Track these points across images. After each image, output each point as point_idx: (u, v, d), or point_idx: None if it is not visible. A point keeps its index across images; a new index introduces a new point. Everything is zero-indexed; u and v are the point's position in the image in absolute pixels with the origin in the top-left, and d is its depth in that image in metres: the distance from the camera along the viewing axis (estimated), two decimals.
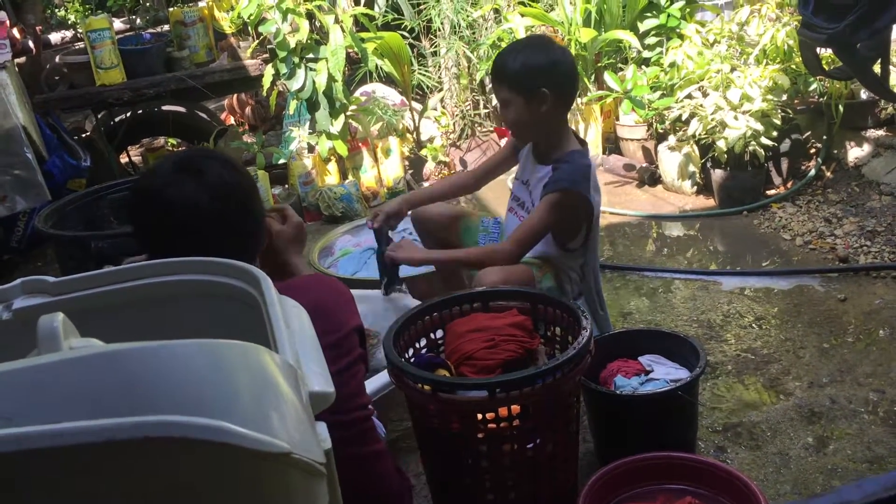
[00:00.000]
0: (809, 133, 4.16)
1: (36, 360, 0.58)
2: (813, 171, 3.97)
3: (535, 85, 2.27)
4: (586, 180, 2.32)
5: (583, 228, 2.39)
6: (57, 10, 7.66)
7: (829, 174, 3.98)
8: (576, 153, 2.36)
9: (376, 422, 1.80)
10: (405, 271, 2.53)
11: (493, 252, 2.33)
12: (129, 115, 4.93)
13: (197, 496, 0.63)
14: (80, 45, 4.91)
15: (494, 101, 4.97)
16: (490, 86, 4.95)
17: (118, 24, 5.54)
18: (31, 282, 1.02)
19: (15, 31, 4.52)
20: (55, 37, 5.69)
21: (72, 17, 7.44)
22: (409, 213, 2.68)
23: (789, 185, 3.98)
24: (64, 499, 0.57)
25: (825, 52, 3.52)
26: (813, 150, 4.15)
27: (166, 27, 5.18)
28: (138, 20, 5.90)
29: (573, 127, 4.59)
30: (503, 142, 3.91)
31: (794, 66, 3.89)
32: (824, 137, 4.04)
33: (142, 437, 0.54)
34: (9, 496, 0.55)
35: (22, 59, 4.72)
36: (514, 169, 2.65)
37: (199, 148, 1.73)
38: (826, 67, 3.47)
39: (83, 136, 4.80)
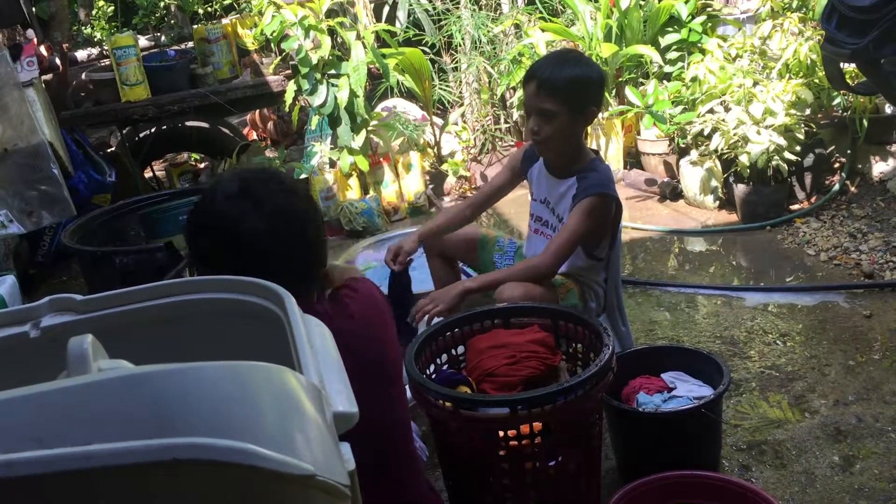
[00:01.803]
0: (833, 147, 4.12)
1: (65, 382, 0.59)
2: (837, 186, 3.94)
3: (587, 101, 2.29)
4: (613, 183, 2.37)
5: (608, 234, 2.39)
6: (83, 28, 7.78)
7: (853, 189, 3.94)
8: (597, 160, 2.39)
9: (418, 442, 1.80)
10: (418, 286, 2.53)
11: (533, 268, 2.28)
12: (153, 130, 4.99)
13: None
14: (106, 62, 4.99)
15: (515, 116, 4.98)
16: (512, 100, 4.96)
17: (143, 41, 5.63)
18: (59, 300, 1.03)
19: (42, 49, 4.59)
20: (81, 54, 5.78)
21: (98, 35, 7.56)
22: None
23: (813, 200, 3.95)
24: None
25: (849, 67, 3.50)
26: (837, 165, 4.11)
27: (190, 44, 5.25)
28: (163, 37, 5.99)
29: (594, 141, 4.59)
30: None
31: (817, 81, 3.87)
32: (848, 152, 4.00)
33: (170, 458, 0.54)
34: None
35: (49, 76, 4.79)
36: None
37: (261, 171, 1.69)
38: (850, 82, 3.44)
39: (108, 151, 4.87)
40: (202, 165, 5.76)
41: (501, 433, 1.77)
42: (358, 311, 1.57)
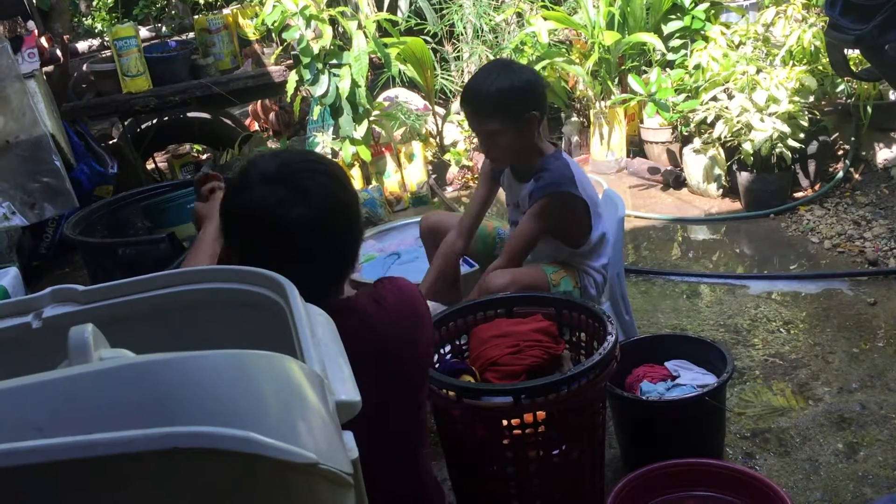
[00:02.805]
0: (837, 135, 4.11)
1: (67, 371, 0.59)
2: (841, 174, 3.93)
3: (523, 109, 2.23)
4: (569, 179, 2.27)
5: (585, 229, 2.35)
6: (84, 19, 7.76)
7: (857, 176, 3.93)
8: (549, 158, 2.32)
9: None
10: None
11: (485, 278, 2.27)
12: (155, 122, 4.98)
13: None
14: (107, 53, 4.97)
15: None
16: None
17: (144, 32, 5.60)
18: (61, 290, 1.03)
19: (43, 41, 4.58)
20: (82, 45, 5.76)
21: (98, 26, 7.53)
22: (420, 226, 2.66)
23: (817, 187, 3.94)
24: None
25: (853, 53, 3.48)
26: (841, 152, 4.10)
27: (191, 35, 5.23)
28: (164, 28, 5.96)
29: (597, 130, 4.58)
30: None
31: (820, 68, 3.85)
32: (852, 139, 3.99)
33: (171, 447, 0.54)
34: None
35: (50, 68, 4.77)
36: None
37: (303, 155, 1.60)
38: (854, 69, 3.42)
39: (110, 143, 4.86)
40: (204, 156, 5.76)
41: (505, 422, 1.77)
42: (393, 305, 1.50)
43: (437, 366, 1.98)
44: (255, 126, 5.98)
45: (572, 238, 2.36)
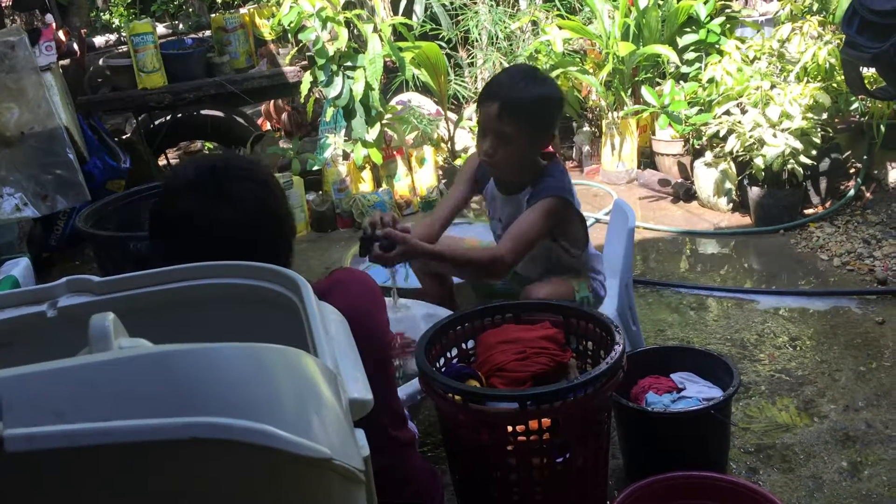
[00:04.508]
0: (849, 153, 4.10)
1: (88, 358, 0.59)
2: (852, 191, 3.92)
3: (550, 123, 2.21)
4: (570, 189, 2.26)
5: (581, 238, 2.34)
6: (101, 14, 7.80)
7: (868, 195, 3.92)
8: (551, 166, 2.29)
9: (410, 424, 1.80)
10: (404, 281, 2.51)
11: (494, 258, 2.17)
12: (168, 118, 5.00)
13: (237, 498, 0.64)
14: (124, 48, 5.00)
15: None
16: None
17: (161, 28, 5.64)
18: (77, 280, 1.04)
19: (60, 34, 4.61)
20: (99, 40, 5.79)
21: (116, 21, 7.58)
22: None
23: (828, 204, 3.93)
24: (110, 496, 0.58)
25: (868, 72, 3.47)
26: (852, 170, 4.09)
27: (208, 33, 5.25)
28: (181, 25, 5.99)
29: (609, 141, 4.58)
30: None
31: (835, 85, 3.84)
32: (864, 157, 3.98)
33: (189, 437, 0.54)
34: (57, 492, 0.56)
35: (66, 62, 4.81)
36: None
37: (217, 157, 1.63)
38: (869, 87, 3.42)
39: (123, 138, 4.88)
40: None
41: (510, 428, 1.77)
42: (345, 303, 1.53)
43: (443, 370, 1.98)
44: (268, 126, 5.99)
45: (573, 242, 2.35)
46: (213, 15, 5.09)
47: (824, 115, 3.79)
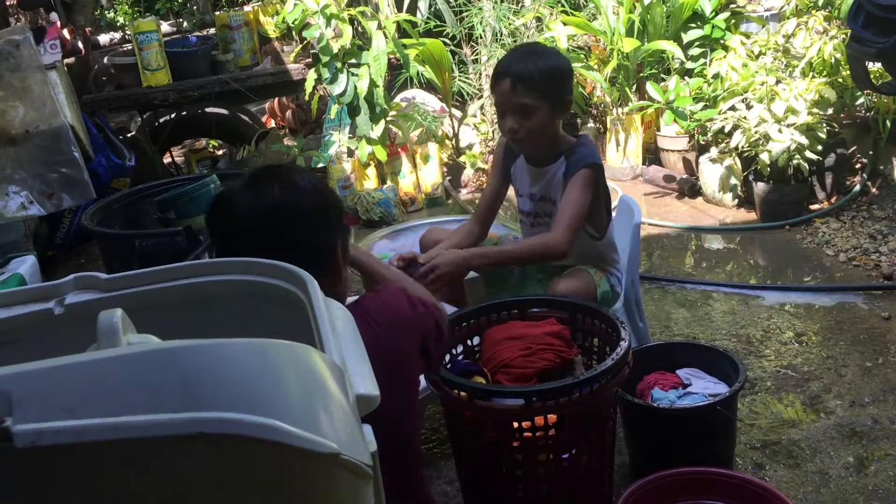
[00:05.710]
0: (855, 148, 4.09)
1: (96, 354, 0.59)
2: (858, 187, 3.91)
3: (564, 91, 2.26)
4: (600, 157, 2.34)
5: (601, 208, 2.34)
6: (106, 12, 7.82)
7: (874, 190, 3.91)
8: (582, 137, 2.37)
9: None
10: None
11: (545, 245, 2.21)
12: (173, 116, 5.01)
13: (245, 494, 0.64)
14: (128, 46, 5.01)
15: None
16: None
17: (165, 26, 5.65)
18: (84, 278, 1.04)
19: (65, 32, 4.62)
20: (104, 38, 5.80)
21: (120, 20, 7.60)
22: (420, 239, 2.57)
23: (833, 200, 3.92)
24: (118, 490, 0.58)
25: (874, 67, 3.46)
26: (858, 166, 4.08)
27: (212, 30, 5.26)
28: (185, 23, 6.00)
29: (614, 137, 4.58)
30: None
31: (840, 80, 3.83)
32: (870, 153, 3.97)
33: (198, 432, 0.55)
34: (66, 487, 0.57)
35: (71, 60, 4.82)
36: None
37: (276, 170, 1.64)
38: (875, 82, 3.41)
39: (128, 136, 4.89)
40: (220, 152, 5.78)
41: (515, 424, 1.77)
42: (379, 320, 1.49)
43: (449, 366, 1.98)
44: (272, 123, 6.00)
45: (599, 222, 2.34)
46: (217, 13, 5.10)
47: (830, 111, 3.78)
